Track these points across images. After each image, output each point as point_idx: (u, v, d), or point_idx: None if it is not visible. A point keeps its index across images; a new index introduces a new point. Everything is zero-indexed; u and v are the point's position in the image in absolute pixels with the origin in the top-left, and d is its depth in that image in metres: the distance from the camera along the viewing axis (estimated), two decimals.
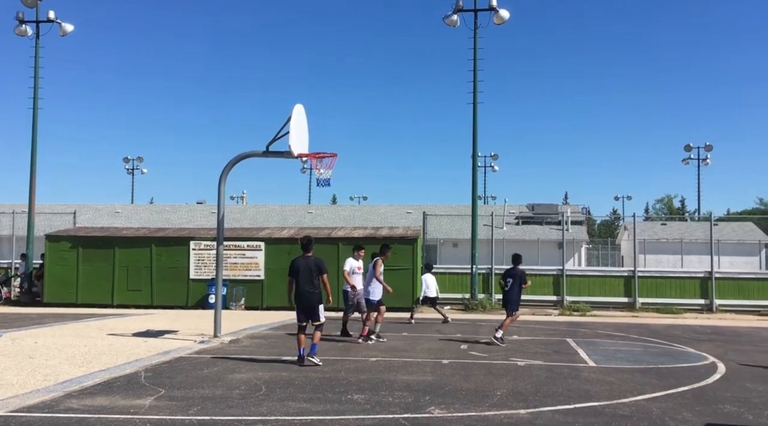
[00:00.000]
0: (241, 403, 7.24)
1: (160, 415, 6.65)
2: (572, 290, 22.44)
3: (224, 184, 13.24)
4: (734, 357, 11.42)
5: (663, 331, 16.04)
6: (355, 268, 13.29)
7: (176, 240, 22.13)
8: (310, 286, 9.85)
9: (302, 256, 10.08)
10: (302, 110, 13.06)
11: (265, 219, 38.04)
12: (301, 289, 9.86)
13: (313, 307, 9.93)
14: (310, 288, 9.85)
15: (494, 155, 54.37)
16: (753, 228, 39.78)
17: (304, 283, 9.83)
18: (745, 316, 20.72)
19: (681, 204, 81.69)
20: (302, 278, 9.83)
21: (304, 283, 9.83)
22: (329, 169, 13.37)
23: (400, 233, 22.13)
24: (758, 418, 6.93)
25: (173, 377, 8.79)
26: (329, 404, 7.26)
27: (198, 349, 11.45)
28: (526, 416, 6.81)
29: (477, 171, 24.09)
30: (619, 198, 65.53)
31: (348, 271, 13.21)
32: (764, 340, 14.41)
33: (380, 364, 10.19)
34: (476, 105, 23.22)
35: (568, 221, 28.30)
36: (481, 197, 53.37)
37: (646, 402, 7.58)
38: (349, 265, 13.29)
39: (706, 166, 48.89)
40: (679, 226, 42.86)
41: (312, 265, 9.92)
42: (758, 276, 23.47)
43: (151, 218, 38.85)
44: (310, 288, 9.85)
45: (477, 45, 23.24)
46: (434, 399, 7.57)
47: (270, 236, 22.15)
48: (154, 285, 21.72)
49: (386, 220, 36.62)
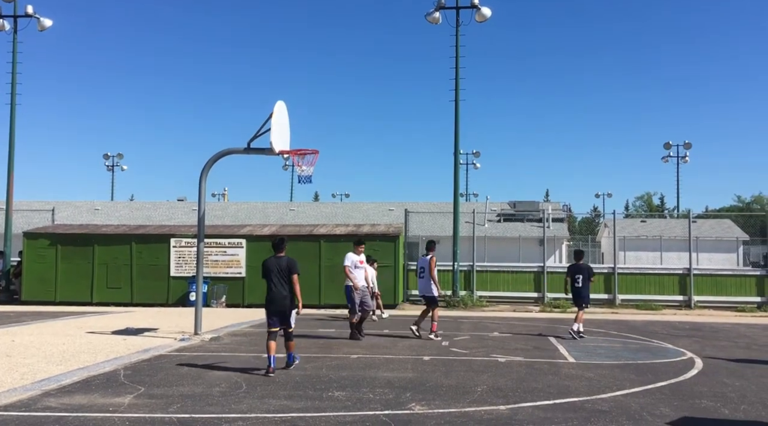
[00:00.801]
0: (222, 401, 7.21)
1: (139, 413, 6.61)
2: (553, 287, 22.58)
3: (205, 181, 13.17)
4: (711, 352, 11.57)
5: (642, 327, 16.21)
6: (357, 262, 13.08)
7: (157, 237, 21.97)
8: (283, 288, 9.15)
9: (274, 256, 9.36)
10: (284, 107, 13.02)
11: (247, 216, 37.88)
12: (273, 292, 9.15)
13: (285, 311, 9.20)
14: (284, 291, 9.15)
15: (476, 153, 54.54)
16: (731, 225, 40.31)
17: (277, 286, 9.16)
18: (722, 312, 20.99)
19: (660, 201, 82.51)
20: (274, 280, 9.16)
21: (277, 285, 9.16)
22: (311, 166, 13.34)
23: (382, 230, 22.16)
24: (734, 412, 7.02)
25: (153, 375, 8.74)
26: (310, 401, 7.25)
27: (178, 347, 11.38)
28: (505, 412, 6.85)
29: (459, 168, 24.15)
30: (599, 195, 66.01)
31: (349, 265, 12.90)
32: (741, 335, 14.60)
33: (361, 361, 10.20)
34: (458, 102, 23.28)
35: (549, 218, 28.47)
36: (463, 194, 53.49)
37: (625, 397, 7.66)
38: (350, 260, 12.98)
39: (685, 163, 49.40)
40: (658, 223, 43.33)
41: (284, 265, 9.23)
42: (736, 272, 23.80)
43: (131, 215, 38.53)
44: (284, 291, 9.15)
45: (459, 42, 23.29)
46: (415, 395, 7.59)
47: (251, 233, 22.07)
48: (134, 282, 21.56)
49: (368, 217, 36.62)
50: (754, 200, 70.25)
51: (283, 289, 9.14)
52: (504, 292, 22.88)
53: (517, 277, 22.69)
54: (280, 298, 9.12)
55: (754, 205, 68.19)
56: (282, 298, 9.13)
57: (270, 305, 9.18)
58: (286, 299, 9.15)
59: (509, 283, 22.89)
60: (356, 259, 13.09)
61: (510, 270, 23.25)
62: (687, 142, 48.98)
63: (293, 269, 9.22)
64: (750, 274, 23.19)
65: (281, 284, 9.15)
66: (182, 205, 43.20)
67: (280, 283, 9.15)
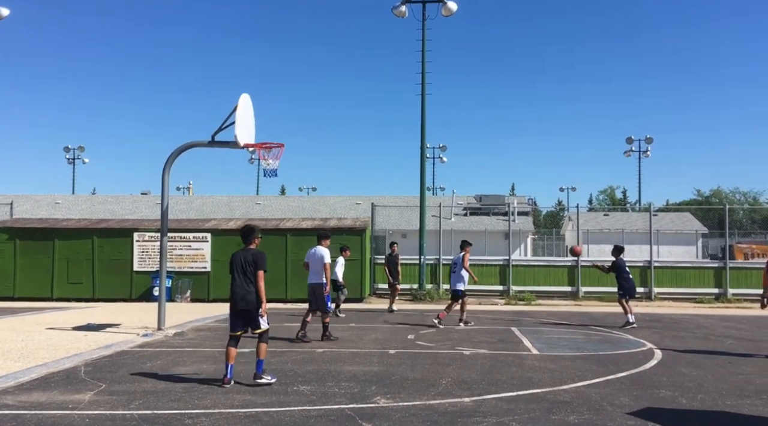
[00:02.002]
0: (185, 397, 7.14)
1: (100, 410, 6.51)
2: (518, 280, 22.86)
3: (168, 175, 12.99)
4: (670, 343, 11.83)
5: (604, 318, 16.49)
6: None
7: (119, 231, 21.64)
8: (248, 285, 7.93)
9: (242, 249, 8.28)
10: (248, 100, 12.91)
11: (212, 210, 37.53)
12: (236, 289, 7.96)
13: (250, 311, 7.93)
14: (247, 287, 7.92)
15: (443, 146, 54.81)
16: (690, 218, 41.23)
17: (241, 282, 7.96)
18: (681, 304, 21.48)
19: (623, 195, 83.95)
20: (239, 275, 7.99)
21: (241, 281, 7.96)
22: (276, 159, 13.26)
23: (349, 224, 22.16)
24: (691, 401, 7.19)
25: (115, 371, 8.61)
26: (275, 396, 7.23)
27: (141, 343, 11.23)
28: (470, 404, 6.92)
29: (425, 162, 24.23)
30: (564, 189, 67.16)
31: (329, 263, 11.84)
32: (700, 326, 14.96)
33: (327, 355, 10.19)
34: (424, 96, 23.35)
35: (514, 212, 28.79)
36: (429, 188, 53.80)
37: (586, 388, 7.79)
38: (328, 256, 11.91)
39: (646, 158, 50.40)
40: (620, 216, 44.11)
41: (249, 258, 8.05)
42: (694, 265, 24.34)
43: (93, 209, 37.86)
44: (247, 287, 7.92)
45: (425, 37, 23.34)
46: (380, 389, 7.62)
47: (217, 227, 21.88)
48: (96, 277, 21.22)
49: (335, 211, 36.58)
50: (713, 194, 71.82)
51: (247, 286, 7.93)
52: (470, 286, 22.95)
53: (483, 270, 22.84)
54: (244, 297, 7.92)
55: (713, 199, 69.73)
56: (246, 295, 7.91)
57: (232, 304, 8.04)
58: (249, 296, 7.91)
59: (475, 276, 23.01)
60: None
61: (476, 263, 23.36)
62: (648, 137, 49.94)
63: (258, 264, 7.98)
64: (708, 266, 23.75)
65: (245, 281, 7.95)
66: (146, 198, 42.61)
67: (244, 279, 7.95)
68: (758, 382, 8.26)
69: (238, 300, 7.96)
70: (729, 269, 22.56)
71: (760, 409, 6.87)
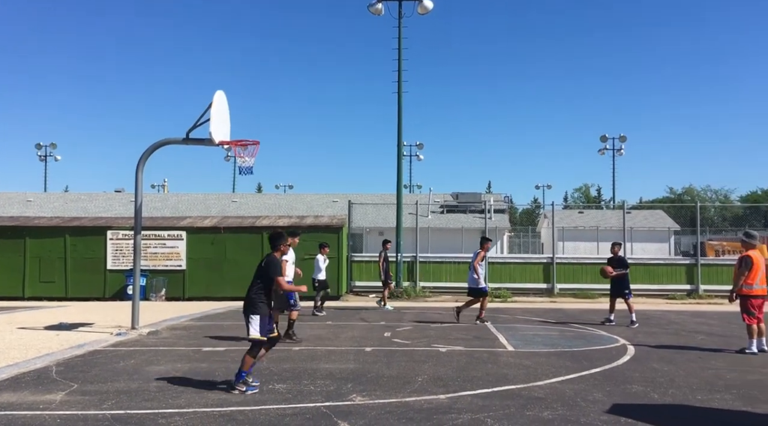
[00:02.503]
0: (158, 396, 7.07)
1: (72, 411, 6.42)
2: (494, 277, 22.97)
3: (142, 172, 12.85)
4: (643, 339, 11.99)
5: (579, 315, 16.66)
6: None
7: (92, 230, 21.38)
8: (250, 290, 7.59)
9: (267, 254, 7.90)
10: (223, 97, 12.81)
11: (188, 208, 37.21)
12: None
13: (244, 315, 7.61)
14: (249, 293, 7.59)
15: (419, 144, 54.94)
16: (663, 216, 41.81)
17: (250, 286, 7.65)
18: (654, 300, 21.76)
19: (597, 193, 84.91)
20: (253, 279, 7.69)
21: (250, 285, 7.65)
22: (252, 156, 13.18)
23: (326, 222, 22.11)
24: (663, 396, 7.29)
25: (87, 371, 8.50)
26: (250, 395, 7.18)
27: (114, 342, 11.10)
28: (445, 401, 6.94)
29: (402, 160, 24.26)
30: (539, 187, 67.50)
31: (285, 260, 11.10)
32: (672, 322, 15.17)
33: (303, 353, 10.16)
34: (401, 94, 23.37)
35: (490, 210, 28.92)
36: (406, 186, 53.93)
37: (560, 384, 7.86)
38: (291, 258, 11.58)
39: (620, 156, 50.93)
40: (595, 214, 44.59)
41: (262, 263, 7.73)
42: (667, 261, 24.69)
43: (65, 207, 37.33)
44: (249, 293, 7.59)
45: (401, 34, 23.35)
46: (356, 386, 7.61)
47: (192, 225, 21.70)
48: (68, 276, 20.95)
49: (312, 209, 36.47)
50: (685, 192, 72.94)
51: (250, 291, 7.57)
52: (446, 283, 23.15)
53: (460, 267, 22.94)
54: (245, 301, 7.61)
55: (685, 197, 70.81)
56: (245, 300, 7.60)
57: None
58: (246, 301, 7.56)
59: (451, 274, 23.16)
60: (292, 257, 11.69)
61: (452, 261, 23.52)
62: (622, 135, 50.50)
63: (270, 270, 7.56)
64: (680, 263, 24.10)
65: (252, 285, 7.60)
66: (120, 196, 42.11)
67: (252, 283, 7.62)
68: (728, 377, 8.40)
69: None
70: (700, 266, 22.92)
71: (729, 403, 6.99)
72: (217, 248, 21.18)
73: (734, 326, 13.87)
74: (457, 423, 6.04)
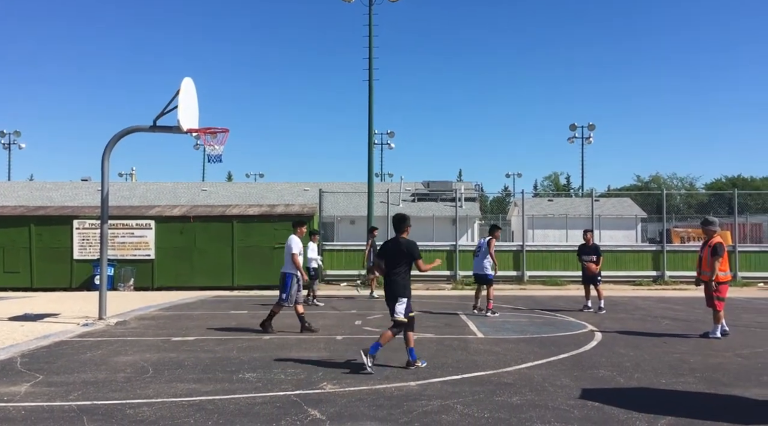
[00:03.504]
0: (126, 387, 6.99)
1: (37, 402, 6.32)
2: (465, 265, 23.09)
3: (108, 160, 12.64)
4: (610, 325, 12.18)
5: (548, 302, 16.86)
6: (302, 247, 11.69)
7: (58, 219, 21.02)
8: (393, 275, 8.09)
9: (392, 239, 8.39)
10: (191, 84, 12.65)
11: (156, 197, 36.75)
12: (386, 277, 8.17)
13: (389, 300, 8.17)
14: (392, 277, 8.09)
15: (391, 133, 54.86)
16: (630, 203, 42.42)
17: (389, 271, 8.12)
18: (621, 286, 22.12)
19: (567, 181, 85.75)
20: (388, 265, 8.14)
21: (388, 270, 8.12)
22: (221, 144, 13.07)
23: (296, 211, 22.02)
24: (629, 381, 7.43)
25: (53, 362, 8.37)
26: (219, 384, 7.15)
27: (81, 333, 10.95)
28: (415, 388, 6.98)
29: (373, 148, 24.22)
30: (510, 175, 67.98)
31: (297, 252, 11.28)
32: (638, 308, 15.44)
33: (274, 341, 10.13)
34: (372, 82, 23.29)
35: (461, 198, 29.04)
36: (377, 174, 53.88)
37: (529, 370, 7.96)
38: (298, 246, 11.38)
39: (589, 144, 51.37)
40: (564, 202, 45.06)
41: (402, 249, 8.13)
42: (634, 248, 25.10)
43: (30, 196, 36.61)
44: (392, 277, 8.09)
45: (372, 22, 23.24)
46: (327, 375, 7.62)
47: (161, 214, 21.45)
48: (34, 266, 20.60)
49: (283, 197, 36.28)
50: (652, 180, 74.08)
51: (391, 276, 8.08)
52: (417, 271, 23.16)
53: (430, 255, 23.00)
54: (387, 285, 8.16)
55: (651, 185, 71.93)
56: (388, 285, 8.14)
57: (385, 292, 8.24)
58: (392, 286, 8.08)
59: None
60: (301, 244, 11.68)
61: (423, 249, 23.39)
62: (591, 124, 50.94)
63: (414, 254, 8.09)
64: (647, 249, 24.51)
65: (391, 270, 8.09)
66: (86, 185, 41.43)
67: (391, 268, 8.08)
68: (692, 361, 8.59)
69: (384, 289, 8.25)
70: (666, 253, 23.32)
71: (693, 386, 7.15)
72: (187, 237, 20.97)
73: (698, 311, 14.16)
74: (427, 409, 6.08)
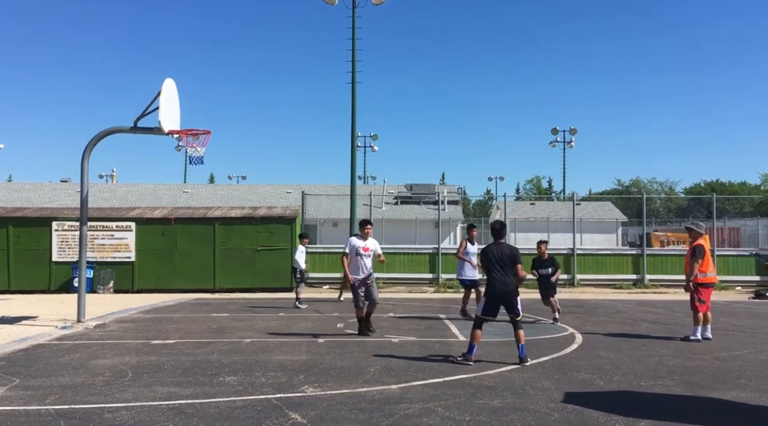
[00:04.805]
0: (105, 390, 6.92)
1: (13, 406, 6.23)
2: (447, 268, 23.14)
3: (88, 161, 12.52)
4: (591, 328, 12.26)
5: (529, 305, 16.88)
6: (360, 248, 10.99)
7: (37, 220, 20.77)
8: (508, 276, 8.61)
9: (495, 243, 8.86)
10: (173, 85, 12.57)
11: (138, 198, 36.48)
12: (497, 280, 8.60)
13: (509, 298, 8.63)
14: (508, 278, 8.61)
15: (374, 135, 54.85)
16: (611, 207, 42.79)
17: (501, 274, 8.61)
18: (602, 290, 22.29)
19: (549, 184, 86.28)
20: (498, 268, 8.61)
21: (501, 273, 8.61)
22: (203, 146, 13.00)
23: (279, 213, 21.94)
24: (608, 383, 7.48)
25: (29, 366, 8.26)
26: (200, 387, 7.09)
27: (59, 336, 10.82)
28: (397, 391, 6.98)
29: (356, 151, 24.20)
30: (492, 179, 68.46)
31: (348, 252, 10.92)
32: (618, 311, 15.56)
33: (255, 344, 10.07)
34: (355, 85, 23.28)
35: (444, 201, 29.15)
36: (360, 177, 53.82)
37: (510, 373, 7.98)
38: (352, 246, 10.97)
39: (571, 148, 51.79)
40: (546, 205, 45.33)
41: (507, 253, 8.68)
42: (614, 252, 25.31)
43: (9, 197, 36.18)
44: (508, 278, 8.61)
45: (355, 25, 23.25)
46: (308, 378, 7.59)
47: (141, 216, 21.27)
48: (11, 268, 20.35)
49: (265, 200, 36.16)
50: (633, 184, 74.75)
51: (507, 277, 8.60)
52: (400, 274, 23.22)
53: (413, 258, 23.10)
54: (505, 286, 8.57)
55: (632, 189, 72.56)
56: (506, 285, 8.58)
57: (492, 293, 8.61)
58: (510, 286, 8.60)
59: (405, 265, 23.26)
60: (360, 244, 11.05)
61: (406, 252, 23.61)
62: (573, 128, 51.36)
63: (517, 259, 8.64)
64: (627, 253, 24.71)
65: (504, 273, 8.59)
66: (66, 186, 41.02)
67: (503, 271, 8.59)
68: (671, 364, 8.66)
69: (499, 289, 8.58)
70: (646, 256, 23.52)
71: (671, 388, 7.21)
72: (168, 240, 20.81)
73: (678, 314, 14.30)
74: (408, 413, 6.07)
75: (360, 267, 10.93)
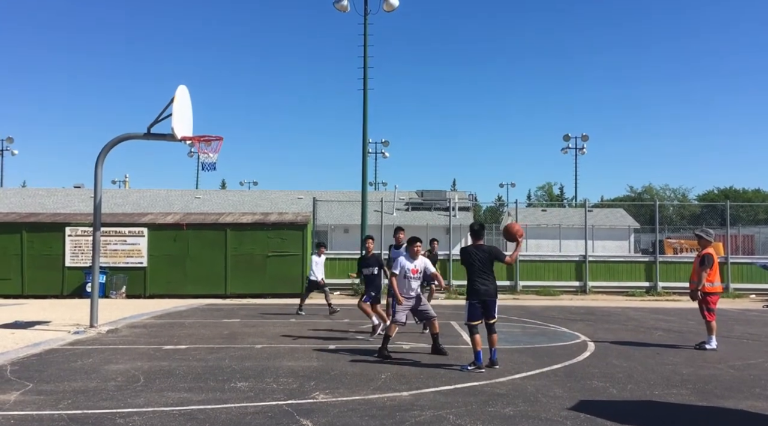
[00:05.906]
0: (117, 395, 6.94)
1: (26, 411, 6.26)
2: (458, 275, 23.05)
3: (101, 168, 12.61)
4: (603, 335, 12.18)
5: (541, 312, 16.85)
6: (409, 269, 9.50)
7: (50, 226, 20.93)
8: (489, 277, 8.67)
9: (474, 245, 8.80)
10: (186, 92, 12.65)
11: (150, 204, 36.69)
12: (480, 282, 8.59)
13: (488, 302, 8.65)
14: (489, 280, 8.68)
15: (385, 142, 55.01)
16: (623, 214, 42.57)
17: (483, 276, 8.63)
18: (614, 297, 22.16)
19: (560, 191, 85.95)
20: (480, 269, 8.63)
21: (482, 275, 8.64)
22: (215, 152, 13.07)
23: (290, 219, 21.99)
24: (621, 392, 7.42)
25: (43, 370, 8.31)
26: (211, 393, 7.10)
27: (72, 340, 10.88)
28: (408, 398, 6.95)
29: (367, 157, 24.24)
30: (503, 185, 68.08)
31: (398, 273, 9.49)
32: (631, 319, 15.45)
33: (266, 351, 10.08)
34: (366, 91, 23.34)
35: (455, 207, 29.10)
36: (372, 183, 53.91)
37: (522, 380, 7.94)
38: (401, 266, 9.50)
39: (582, 155, 51.64)
40: (557, 212, 45.17)
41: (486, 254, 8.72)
42: (627, 259, 25.15)
43: (23, 203, 36.49)
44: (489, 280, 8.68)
45: (367, 31, 23.32)
46: (319, 384, 7.58)
47: (153, 222, 21.38)
48: (25, 273, 20.50)
49: (277, 205, 36.27)
50: (645, 190, 74.31)
51: (489, 279, 8.66)
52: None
53: None
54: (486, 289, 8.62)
55: (644, 195, 72.16)
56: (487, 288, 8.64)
57: (476, 296, 8.61)
58: (495, 287, 8.74)
59: None
60: (408, 265, 9.54)
61: None
62: (584, 135, 51.24)
63: (499, 257, 8.76)
64: (640, 260, 24.56)
65: (485, 274, 8.63)
66: (79, 192, 41.33)
67: (484, 272, 8.63)
68: (684, 372, 8.59)
69: (482, 291, 8.61)
70: (659, 263, 23.38)
71: (686, 397, 7.14)
72: (180, 245, 20.91)
73: (691, 323, 14.19)
74: (419, 420, 6.05)
75: (406, 290, 9.59)
